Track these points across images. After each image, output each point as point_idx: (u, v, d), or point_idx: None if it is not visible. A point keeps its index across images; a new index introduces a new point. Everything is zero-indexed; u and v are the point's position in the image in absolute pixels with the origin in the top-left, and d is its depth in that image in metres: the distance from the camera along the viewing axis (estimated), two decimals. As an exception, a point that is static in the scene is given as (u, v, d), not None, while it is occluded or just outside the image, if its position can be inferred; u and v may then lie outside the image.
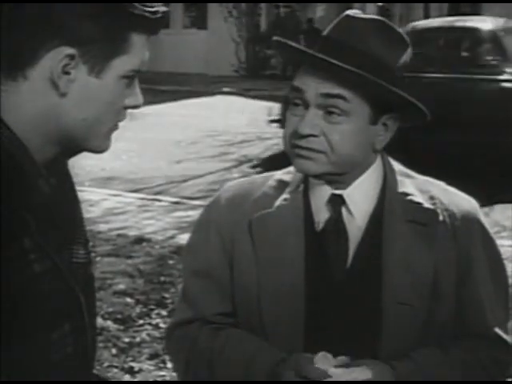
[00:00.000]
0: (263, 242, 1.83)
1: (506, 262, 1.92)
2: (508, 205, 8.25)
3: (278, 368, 1.75)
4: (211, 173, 9.90)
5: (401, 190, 1.83)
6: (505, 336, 1.86)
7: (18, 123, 1.29)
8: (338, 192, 1.81)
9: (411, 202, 1.82)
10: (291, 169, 1.88)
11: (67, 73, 1.29)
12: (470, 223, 1.84)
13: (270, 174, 1.94)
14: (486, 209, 7.81)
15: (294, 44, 1.77)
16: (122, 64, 1.32)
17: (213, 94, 18.98)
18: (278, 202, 1.85)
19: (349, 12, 1.80)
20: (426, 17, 18.18)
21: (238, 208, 1.87)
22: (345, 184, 1.81)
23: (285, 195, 1.85)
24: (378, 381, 1.71)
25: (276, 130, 10.10)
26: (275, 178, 1.91)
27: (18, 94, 1.29)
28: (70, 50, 1.28)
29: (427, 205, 1.82)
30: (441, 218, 1.81)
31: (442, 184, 1.91)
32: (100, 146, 1.37)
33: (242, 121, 14.57)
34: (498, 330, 1.85)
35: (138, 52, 1.34)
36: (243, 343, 1.82)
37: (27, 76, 1.29)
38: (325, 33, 1.80)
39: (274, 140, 12.10)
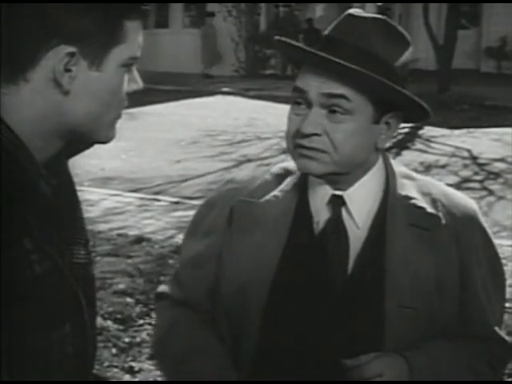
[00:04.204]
0: (240, 231, 1.82)
1: (505, 261, 1.93)
2: (508, 204, 8.26)
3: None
4: (211, 172, 9.89)
5: (403, 193, 1.81)
6: (503, 335, 1.88)
7: (19, 124, 1.29)
8: (338, 193, 1.80)
9: (414, 206, 1.80)
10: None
11: (69, 70, 1.29)
12: (471, 226, 1.84)
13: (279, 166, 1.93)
14: (486, 208, 7.84)
15: (297, 43, 1.75)
16: (120, 53, 1.32)
17: (212, 93, 18.99)
18: (267, 197, 1.84)
19: (351, 11, 1.78)
20: (426, 17, 18.11)
21: (238, 193, 1.86)
22: (346, 184, 1.79)
23: (276, 192, 1.84)
24: (377, 381, 1.71)
25: (275, 129, 10.09)
26: (277, 172, 1.89)
27: (19, 96, 1.29)
28: (69, 48, 1.28)
29: (430, 209, 1.80)
30: (443, 222, 1.80)
31: (441, 185, 1.91)
32: (107, 135, 1.38)
33: (242, 120, 14.58)
34: (497, 329, 1.86)
35: (133, 39, 1.34)
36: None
37: (28, 78, 1.28)
38: (326, 32, 1.78)
39: (273, 140, 12.12)
